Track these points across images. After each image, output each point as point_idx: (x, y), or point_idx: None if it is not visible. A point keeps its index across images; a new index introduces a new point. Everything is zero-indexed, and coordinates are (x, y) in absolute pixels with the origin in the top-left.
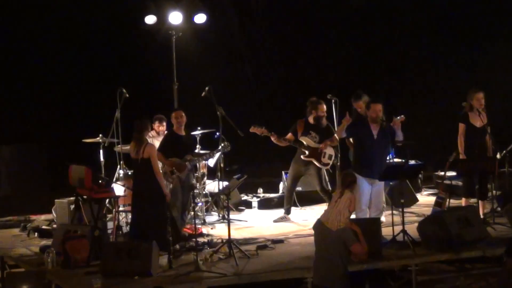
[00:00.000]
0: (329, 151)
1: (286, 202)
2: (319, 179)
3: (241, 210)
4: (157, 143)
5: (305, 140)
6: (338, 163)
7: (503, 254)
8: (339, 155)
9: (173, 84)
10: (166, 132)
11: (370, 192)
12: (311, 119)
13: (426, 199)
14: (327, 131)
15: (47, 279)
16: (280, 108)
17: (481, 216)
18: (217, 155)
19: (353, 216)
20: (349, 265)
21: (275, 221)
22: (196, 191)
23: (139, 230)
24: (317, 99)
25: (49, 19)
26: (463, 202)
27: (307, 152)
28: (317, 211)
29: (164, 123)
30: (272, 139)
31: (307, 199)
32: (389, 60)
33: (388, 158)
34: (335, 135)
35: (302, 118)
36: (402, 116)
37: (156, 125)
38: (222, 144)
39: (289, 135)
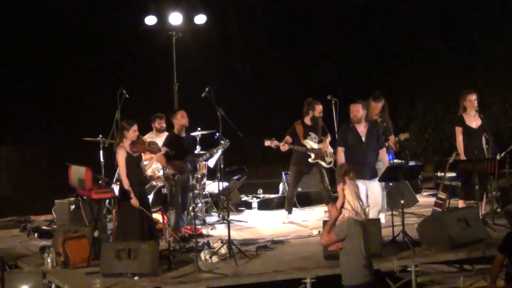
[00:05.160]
0: (329, 149)
1: (289, 205)
2: (322, 178)
3: (241, 211)
4: (158, 140)
5: (308, 144)
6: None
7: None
8: None
9: (173, 85)
10: (166, 134)
11: (365, 194)
12: (307, 120)
13: (426, 199)
14: (323, 131)
15: (47, 280)
16: (280, 108)
17: (480, 217)
18: (218, 153)
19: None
20: None
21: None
22: (196, 191)
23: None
24: (313, 100)
25: (50, 20)
26: (460, 203)
27: (313, 155)
28: (317, 211)
29: (164, 120)
30: (283, 148)
31: (307, 200)
32: (389, 60)
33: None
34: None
35: (298, 120)
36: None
37: (156, 122)
38: (222, 142)
39: (287, 138)
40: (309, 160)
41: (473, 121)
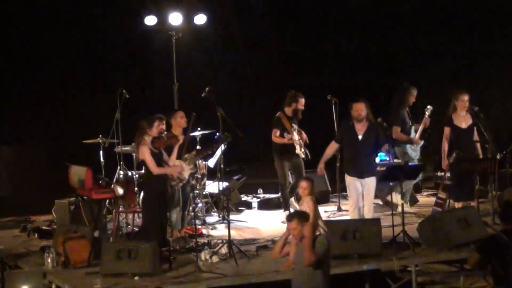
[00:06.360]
0: (302, 141)
1: (285, 200)
2: (302, 169)
3: (241, 211)
4: None
5: (295, 136)
6: (338, 164)
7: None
8: (339, 156)
9: (173, 85)
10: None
11: (360, 192)
12: (289, 112)
13: (426, 199)
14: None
15: (47, 280)
16: (280, 108)
17: None
18: (219, 149)
19: (346, 217)
20: (348, 266)
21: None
22: (196, 191)
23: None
24: (297, 92)
25: (49, 20)
26: (456, 204)
27: (298, 146)
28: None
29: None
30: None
31: None
32: (389, 60)
33: (387, 159)
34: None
35: (279, 112)
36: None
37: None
38: (222, 136)
39: (276, 131)
40: (296, 151)
41: (463, 121)
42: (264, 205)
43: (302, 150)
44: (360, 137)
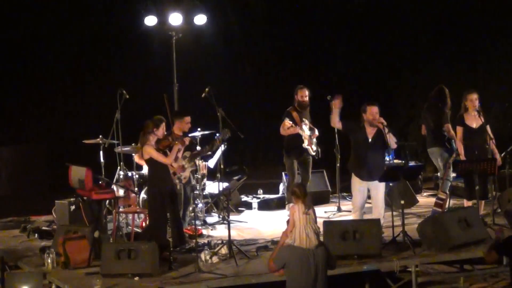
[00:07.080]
0: (314, 138)
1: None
2: (309, 168)
3: (241, 211)
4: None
5: (304, 130)
6: (338, 164)
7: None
8: (339, 156)
9: (173, 85)
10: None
11: (364, 194)
12: (297, 106)
13: (426, 200)
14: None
15: (47, 280)
16: (280, 108)
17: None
18: (219, 151)
19: (349, 217)
20: (347, 266)
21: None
22: (196, 192)
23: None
24: (299, 85)
25: (49, 20)
26: (465, 203)
27: (306, 141)
28: (318, 212)
29: (164, 124)
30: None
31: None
32: (389, 61)
33: (388, 159)
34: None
35: (290, 107)
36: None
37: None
38: (221, 131)
39: (287, 122)
40: (303, 145)
41: (474, 120)
42: (264, 205)
43: (313, 147)
44: (370, 140)
